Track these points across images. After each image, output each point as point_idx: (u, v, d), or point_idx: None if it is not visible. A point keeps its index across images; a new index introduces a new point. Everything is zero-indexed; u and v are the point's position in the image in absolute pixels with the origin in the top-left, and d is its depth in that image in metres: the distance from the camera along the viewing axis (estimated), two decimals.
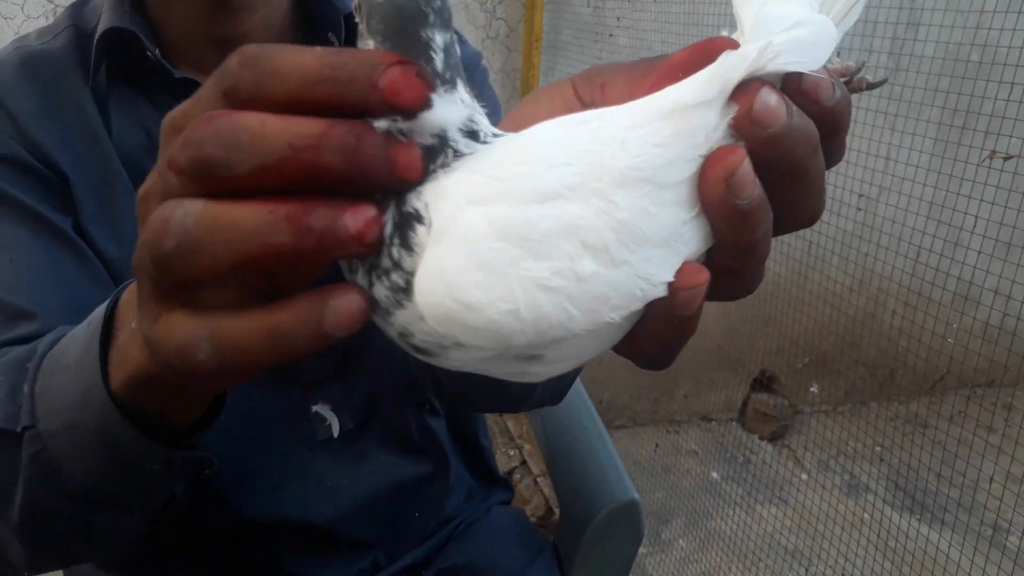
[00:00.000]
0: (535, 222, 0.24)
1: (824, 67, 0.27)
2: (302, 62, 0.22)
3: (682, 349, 0.28)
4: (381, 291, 0.25)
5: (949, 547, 1.69)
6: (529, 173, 0.24)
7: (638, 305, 0.25)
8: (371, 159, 0.23)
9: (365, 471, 0.63)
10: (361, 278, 0.25)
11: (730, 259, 0.27)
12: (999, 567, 1.63)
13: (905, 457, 2.10)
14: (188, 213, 0.22)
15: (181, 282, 0.23)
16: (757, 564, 1.81)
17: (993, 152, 1.55)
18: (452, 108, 0.25)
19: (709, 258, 0.27)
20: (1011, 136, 1.49)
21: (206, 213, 0.22)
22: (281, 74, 0.22)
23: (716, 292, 0.27)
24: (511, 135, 0.27)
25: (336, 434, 0.61)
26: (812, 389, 2.45)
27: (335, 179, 0.22)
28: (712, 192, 0.25)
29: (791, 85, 0.26)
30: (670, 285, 0.25)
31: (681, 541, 1.90)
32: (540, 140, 0.26)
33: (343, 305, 0.23)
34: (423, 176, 0.24)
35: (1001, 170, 1.54)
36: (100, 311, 0.35)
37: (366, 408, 0.62)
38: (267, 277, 0.25)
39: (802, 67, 0.26)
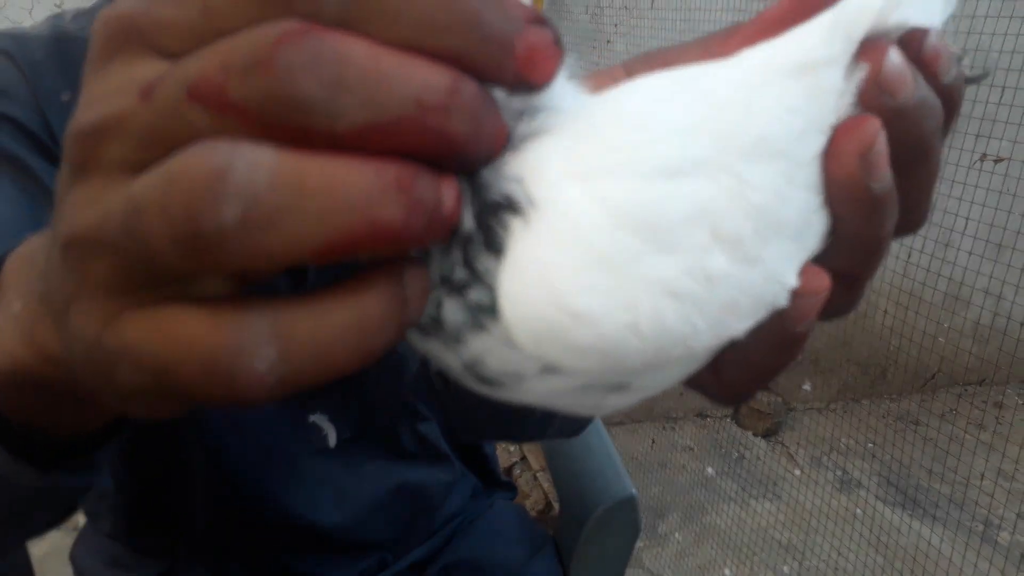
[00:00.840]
0: (662, 204, 0.18)
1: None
2: None
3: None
4: (454, 312, 0.18)
5: (941, 542, 1.69)
6: (646, 140, 0.18)
7: (763, 314, 0.20)
8: (490, 132, 0.16)
9: (367, 476, 0.63)
10: None
11: (849, 262, 0.21)
12: (990, 562, 1.62)
13: (897, 454, 2.10)
14: (256, 168, 0.14)
15: (210, 271, 0.15)
16: (751, 558, 1.81)
17: (984, 155, 1.55)
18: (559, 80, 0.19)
19: (821, 261, 0.21)
20: (1001, 139, 1.49)
21: (287, 170, 0.14)
22: (387, 9, 0.15)
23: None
24: (600, 95, 0.20)
25: (333, 444, 0.60)
26: (805, 387, 2.45)
27: (440, 152, 0.16)
28: (844, 171, 0.20)
29: (909, 49, 0.21)
30: (792, 291, 0.20)
31: (677, 535, 1.90)
32: (646, 99, 0.20)
33: (419, 281, 0.17)
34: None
35: (992, 172, 1.54)
36: None
37: (360, 418, 0.61)
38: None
39: (926, 22, 0.21)
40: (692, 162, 0.18)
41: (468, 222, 0.18)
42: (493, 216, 0.18)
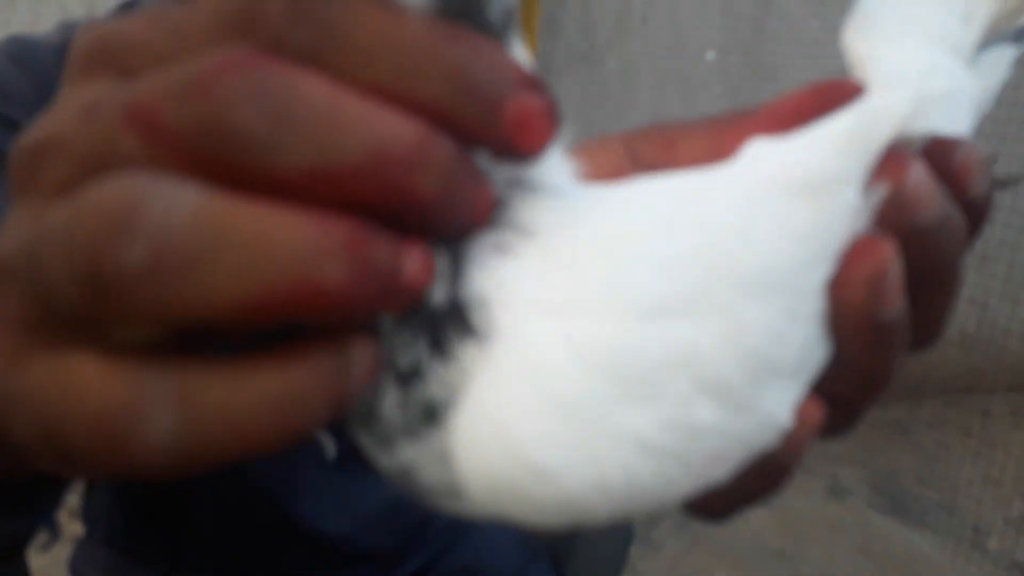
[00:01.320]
0: (639, 349, 0.16)
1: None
2: (401, 37, 0.13)
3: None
4: (391, 409, 0.16)
5: (931, 548, 1.68)
6: (628, 274, 0.16)
7: (751, 456, 0.18)
8: (462, 196, 0.14)
9: (368, 487, 0.62)
10: None
11: (849, 390, 0.19)
12: (979, 568, 1.62)
13: (886, 461, 2.10)
14: (178, 203, 0.12)
15: (114, 317, 0.13)
16: (744, 564, 1.80)
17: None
18: (553, 155, 0.17)
19: (817, 386, 0.19)
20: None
21: (213, 211, 0.12)
22: (360, 46, 0.13)
23: None
24: (586, 196, 0.18)
25: (331, 456, 0.60)
26: None
27: (404, 213, 0.14)
28: (851, 299, 0.18)
29: (935, 161, 0.19)
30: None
31: (671, 542, 1.89)
32: (636, 224, 0.17)
33: (367, 356, 0.15)
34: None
35: None
36: None
37: None
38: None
39: (953, 130, 0.19)
40: (678, 301, 0.16)
41: (436, 300, 0.15)
42: (457, 314, 0.16)
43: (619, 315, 0.16)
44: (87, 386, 0.13)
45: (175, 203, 0.12)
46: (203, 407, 0.13)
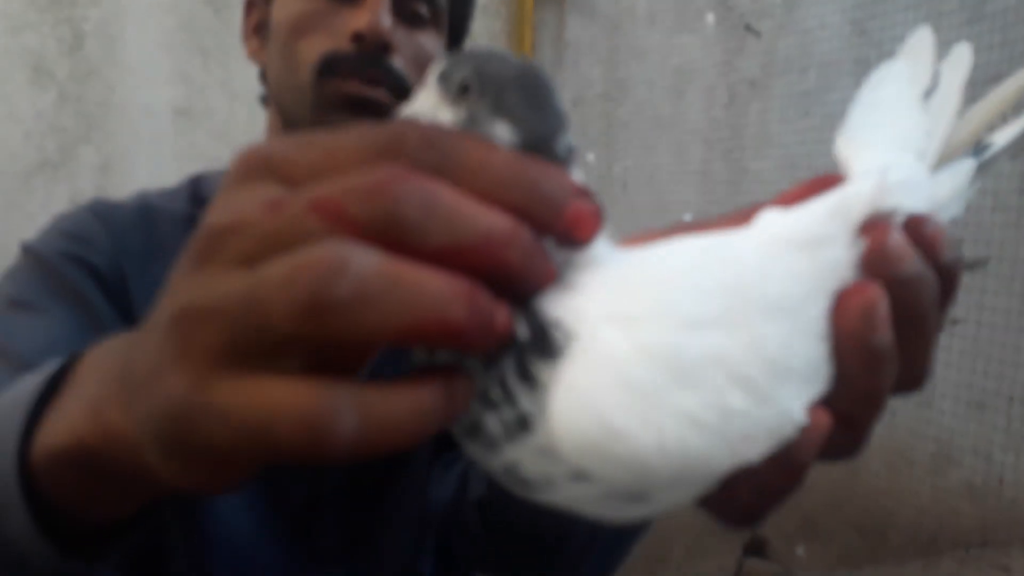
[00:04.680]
0: (684, 348, 0.21)
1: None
2: (496, 162, 0.20)
3: (776, 507, 0.24)
4: (492, 423, 0.22)
5: None
6: (672, 299, 0.22)
7: (775, 444, 0.22)
8: (538, 269, 0.20)
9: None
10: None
11: (851, 406, 0.24)
12: None
13: None
14: (367, 262, 0.18)
15: (322, 337, 0.18)
16: None
17: (954, 320, 1.51)
18: (600, 240, 0.22)
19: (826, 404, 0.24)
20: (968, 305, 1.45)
21: (388, 267, 0.18)
22: (470, 167, 0.20)
23: (826, 447, 0.24)
24: (631, 252, 0.24)
25: None
26: (798, 552, 2.25)
27: (498, 278, 0.20)
28: (849, 326, 0.23)
29: (910, 231, 0.24)
30: (800, 426, 0.23)
31: None
32: (676, 263, 0.23)
33: (463, 387, 0.21)
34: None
35: (964, 337, 1.49)
36: (50, 366, 0.27)
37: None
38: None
39: (911, 208, 0.24)
40: (713, 318, 0.21)
41: (520, 336, 0.21)
42: (532, 353, 0.21)
43: (670, 326, 0.21)
44: (295, 396, 0.18)
45: (367, 260, 0.18)
46: (374, 414, 0.19)
